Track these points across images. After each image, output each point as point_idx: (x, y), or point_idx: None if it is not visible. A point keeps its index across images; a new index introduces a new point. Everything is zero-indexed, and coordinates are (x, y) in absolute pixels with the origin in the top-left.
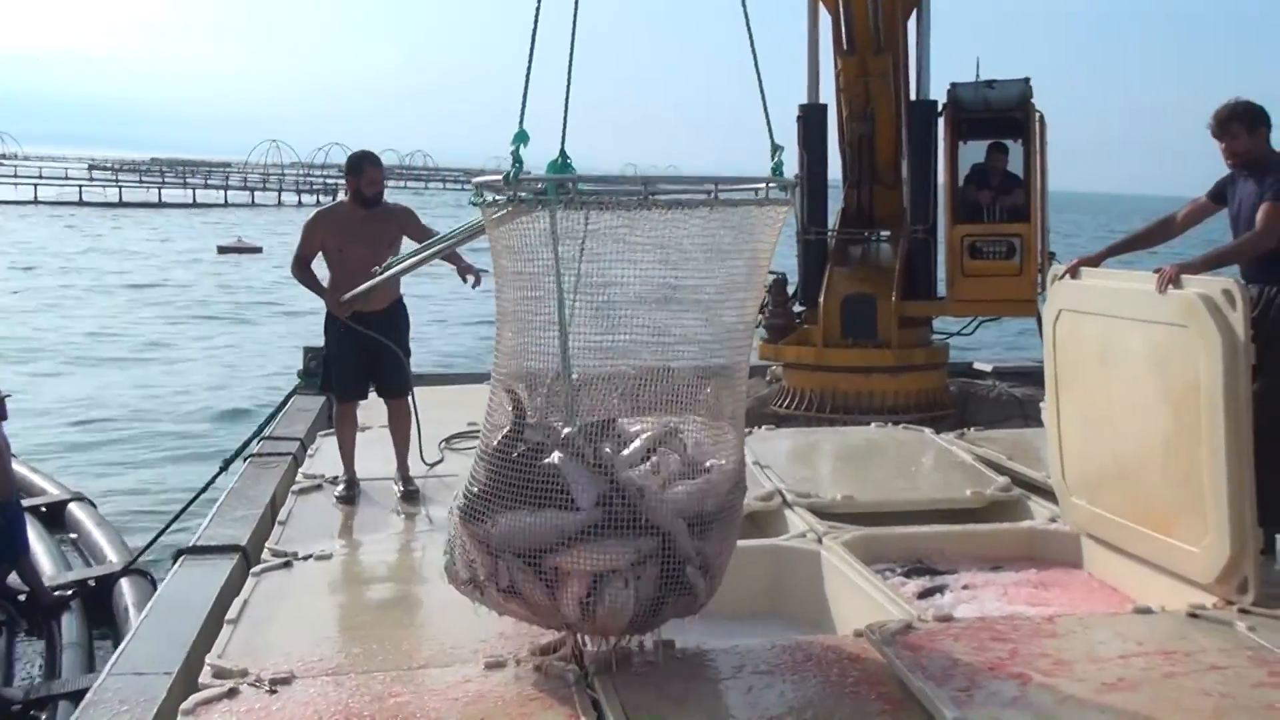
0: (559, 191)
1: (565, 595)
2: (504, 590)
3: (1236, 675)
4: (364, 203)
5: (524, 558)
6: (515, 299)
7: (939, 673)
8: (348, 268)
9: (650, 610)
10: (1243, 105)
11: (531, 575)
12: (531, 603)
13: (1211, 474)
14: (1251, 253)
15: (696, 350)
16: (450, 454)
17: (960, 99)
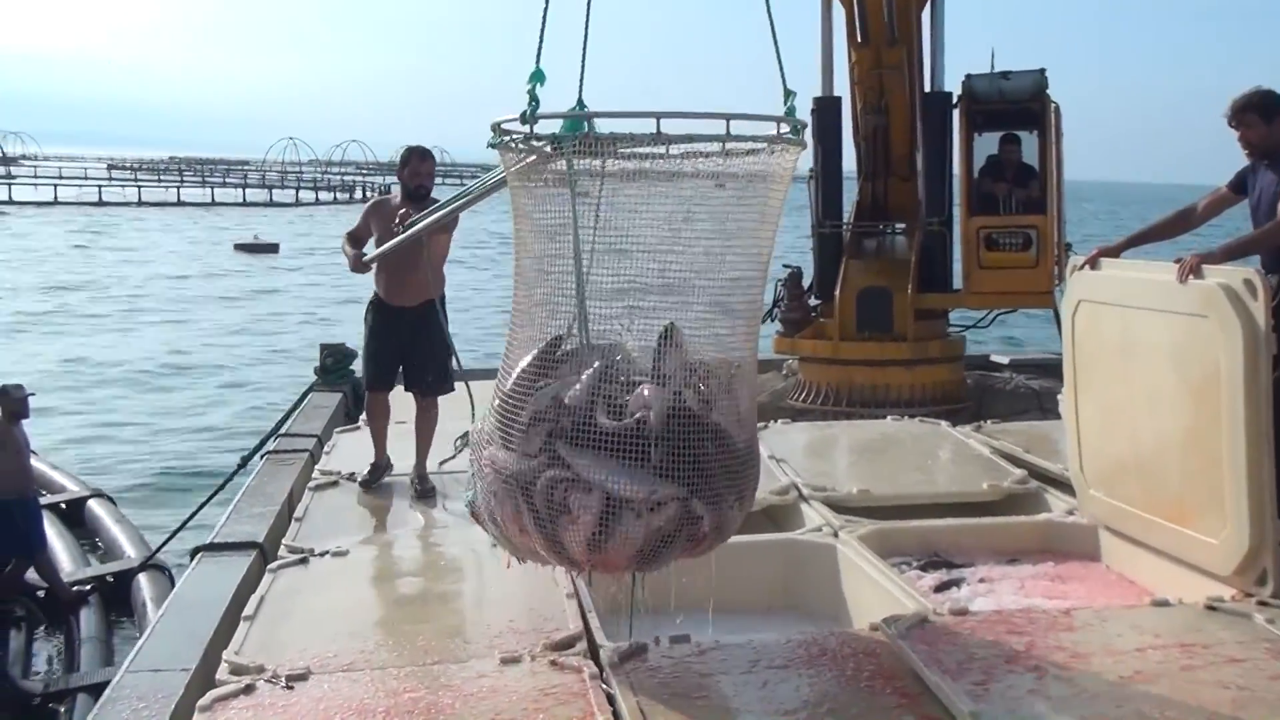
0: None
1: (574, 526)
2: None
3: (1254, 668)
4: (409, 195)
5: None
6: (537, 251)
7: (955, 666)
8: (384, 257)
9: (658, 545)
10: (1259, 94)
11: (543, 499)
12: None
13: (1231, 465)
14: (1273, 242)
15: (708, 300)
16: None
17: (975, 90)
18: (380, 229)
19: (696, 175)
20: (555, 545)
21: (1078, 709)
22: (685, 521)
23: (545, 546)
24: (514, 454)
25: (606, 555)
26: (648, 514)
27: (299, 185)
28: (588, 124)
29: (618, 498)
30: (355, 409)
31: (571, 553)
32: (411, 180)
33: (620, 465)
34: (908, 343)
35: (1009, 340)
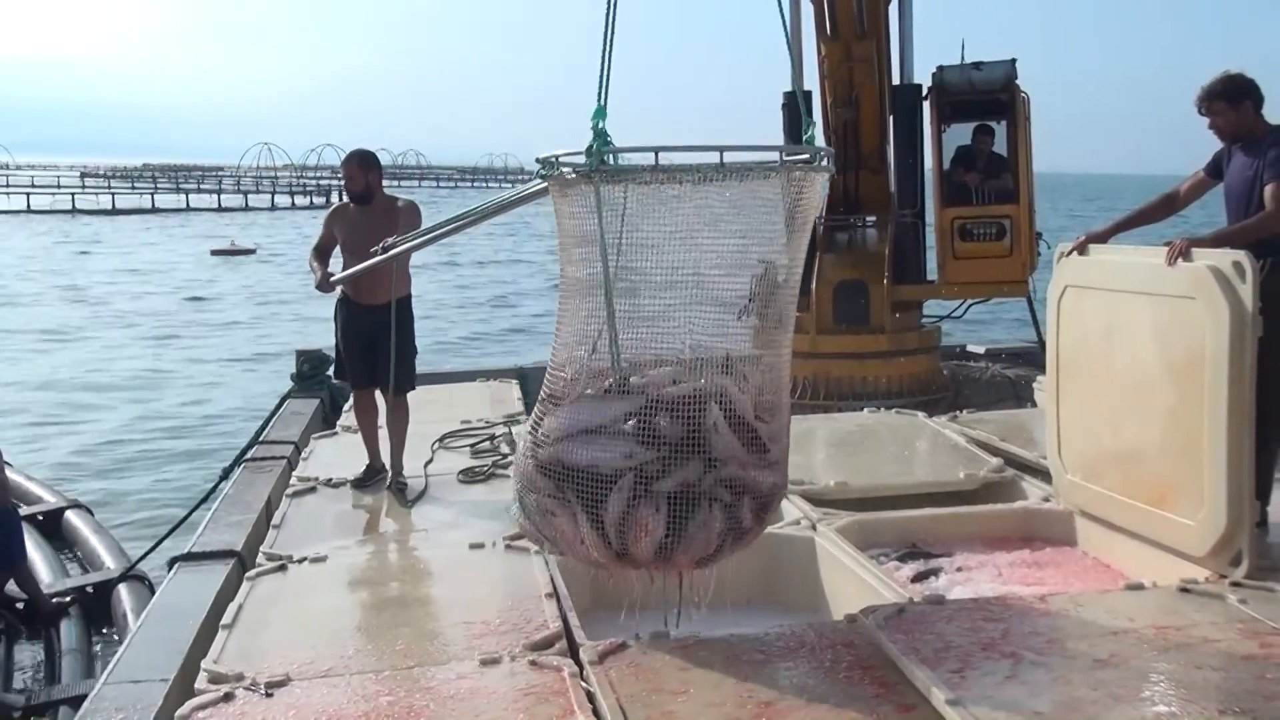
0: (599, 162)
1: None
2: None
3: (1228, 648)
4: (354, 199)
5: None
6: (581, 275)
7: (932, 655)
8: (347, 261)
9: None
10: (1224, 81)
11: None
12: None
13: (1211, 446)
14: (1263, 233)
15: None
16: (444, 453)
17: (945, 82)
18: (345, 234)
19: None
20: (618, 551)
21: (1054, 694)
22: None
23: (604, 553)
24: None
25: (674, 558)
26: (711, 516)
27: (274, 190)
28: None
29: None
30: (333, 415)
31: (637, 557)
32: (348, 185)
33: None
34: (885, 335)
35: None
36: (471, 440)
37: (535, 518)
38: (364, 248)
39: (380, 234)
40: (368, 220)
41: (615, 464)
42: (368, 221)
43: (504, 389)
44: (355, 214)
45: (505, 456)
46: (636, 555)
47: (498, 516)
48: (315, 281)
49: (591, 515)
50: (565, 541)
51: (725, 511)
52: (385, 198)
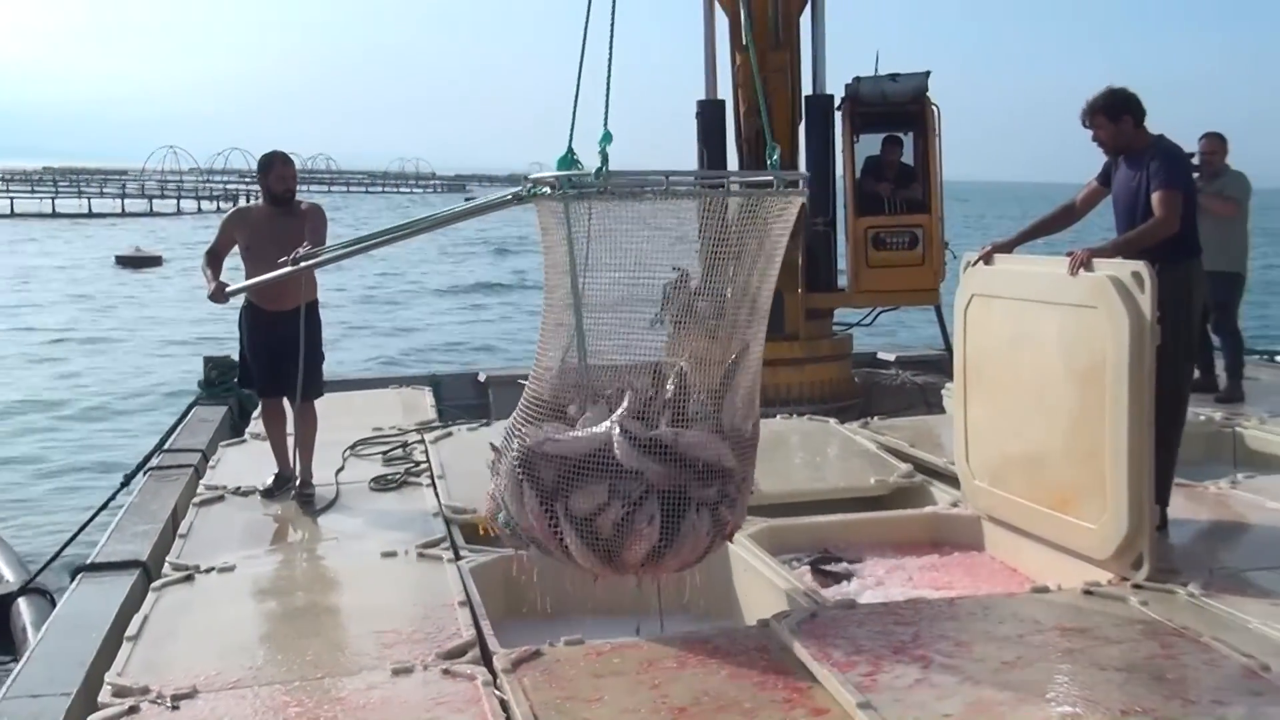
0: (569, 185)
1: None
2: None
3: (1130, 649)
4: (274, 201)
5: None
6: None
7: (843, 659)
8: (254, 265)
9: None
10: (1104, 97)
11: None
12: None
13: (1113, 451)
14: (1157, 238)
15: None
16: (355, 461)
17: (858, 93)
18: (250, 238)
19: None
20: (608, 557)
21: (962, 696)
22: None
23: (595, 559)
24: (560, 470)
25: (663, 562)
26: (699, 519)
27: (180, 194)
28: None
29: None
30: (241, 422)
31: (626, 563)
32: (278, 185)
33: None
34: (799, 342)
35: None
36: (384, 448)
37: (520, 524)
38: (272, 252)
39: (290, 237)
40: (278, 224)
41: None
42: (278, 225)
43: (417, 396)
44: (264, 217)
45: (418, 464)
46: (628, 561)
47: (410, 524)
48: (209, 291)
49: (580, 525)
50: (551, 548)
51: (712, 514)
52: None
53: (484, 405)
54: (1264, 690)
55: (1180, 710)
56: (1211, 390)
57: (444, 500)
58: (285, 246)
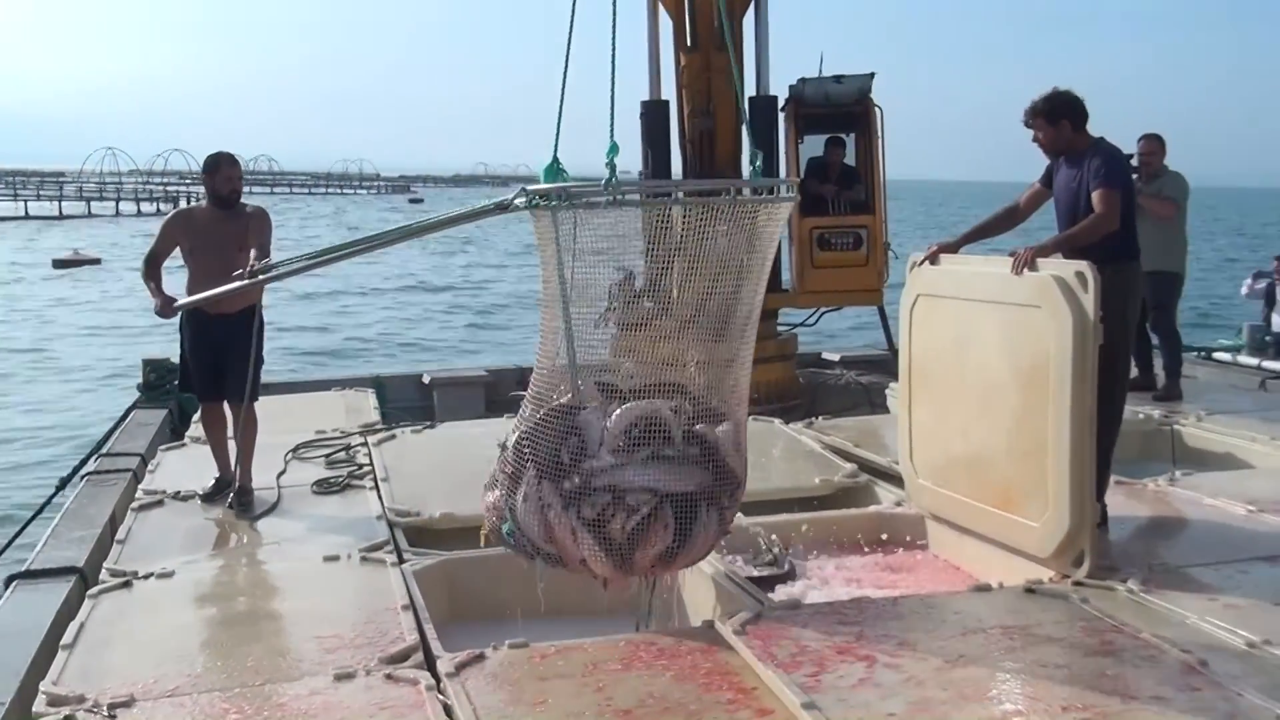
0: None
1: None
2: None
3: (1071, 646)
4: (219, 203)
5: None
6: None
7: (788, 659)
8: (197, 268)
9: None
10: (1045, 99)
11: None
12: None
13: (1056, 449)
14: (1098, 234)
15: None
16: (297, 464)
17: (802, 94)
18: (193, 241)
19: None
20: (622, 560)
21: (905, 695)
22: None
23: (609, 563)
24: (571, 481)
25: (674, 562)
26: (710, 519)
27: (119, 197)
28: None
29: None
30: (181, 426)
31: (639, 565)
32: (224, 187)
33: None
34: None
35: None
36: (326, 451)
37: (530, 532)
38: (216, 256)
39: (234, 241)
40: (222, 227)
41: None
42: (222, 228)
43: (359, 398)
44: (208, 220)
45: (361, 467)
46: (641, 564)
47: (353, 528)
48: (155, 306)
49: (596, 531)
50: (565, 555)
51: (719, 514)
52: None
53: (428, 407)
54: (1202, 685)
55: (1120, 706)
56: (1150, 388)
57: (387, 503)
58: (230, 250)
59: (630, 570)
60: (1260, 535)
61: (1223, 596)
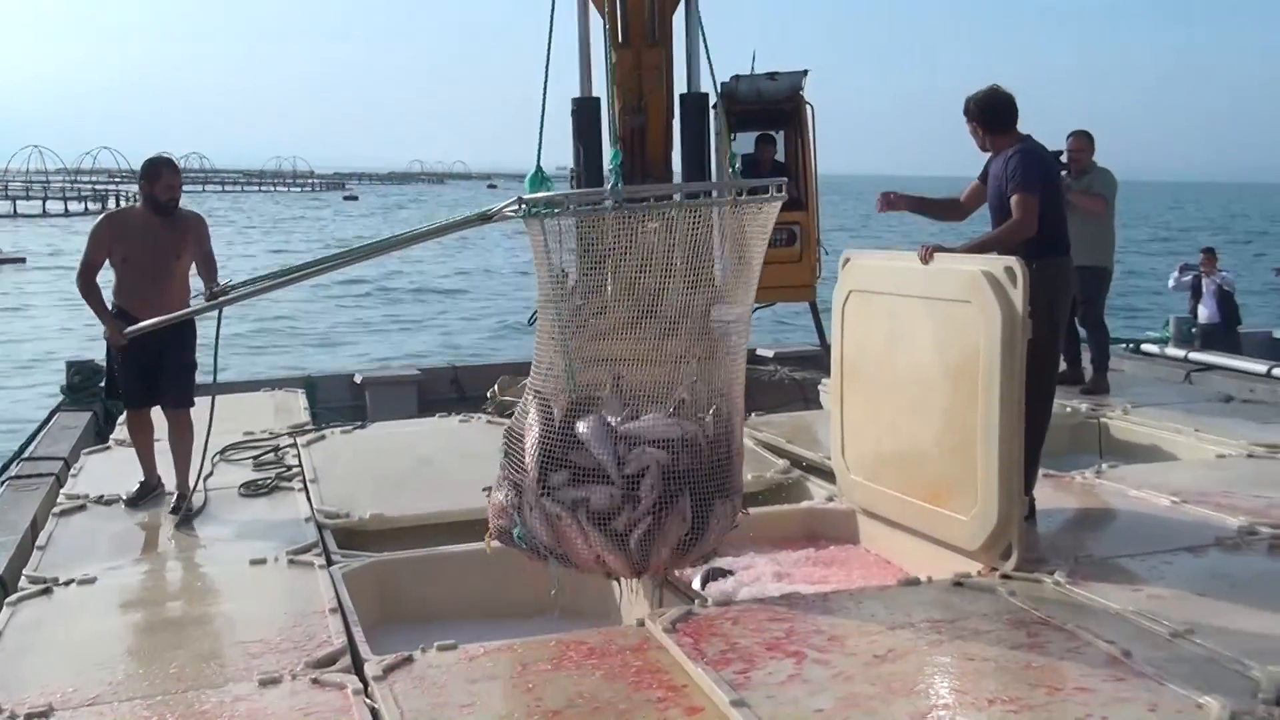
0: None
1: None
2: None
3: (998, 638)
4: (158, 209)
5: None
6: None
7: (718, 656)
8: (131, 275)
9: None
10: (975, 97)
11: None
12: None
13: (984, 443)
14: (1013, 241)
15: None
16: (225, 466)
17: (734, 91)
18: (128, 247)
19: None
20: (641, 555)
21: (834, 690)
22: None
23: (623, 560)
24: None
25: (689, 555)
26: (725, 511)
27: (46, 196)
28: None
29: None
30: (106, 428)
31: (655, 561)
32: (164, 194)
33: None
34: None
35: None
36: (254, 452)
37: (542, 534)
38: (152, 263)
39: (172, 248)
40: (159, 234)
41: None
42: (159, 235)
43: (289, 399)
44: (144, 226)
45: (290, 469)
46: (656, 560)
47: (280, 530)
48: (106, 334)
49: (608, 531)
50: (577, 556)
51: (731, 506)
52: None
53: (360, 407)
54: (1126, 675)
55: (1045, 698)
56: (1078, 382)
57: (316, 505)
58: (166, 258)
59: (646, 566)
60: (1184, 526)
61: (1147, 587)
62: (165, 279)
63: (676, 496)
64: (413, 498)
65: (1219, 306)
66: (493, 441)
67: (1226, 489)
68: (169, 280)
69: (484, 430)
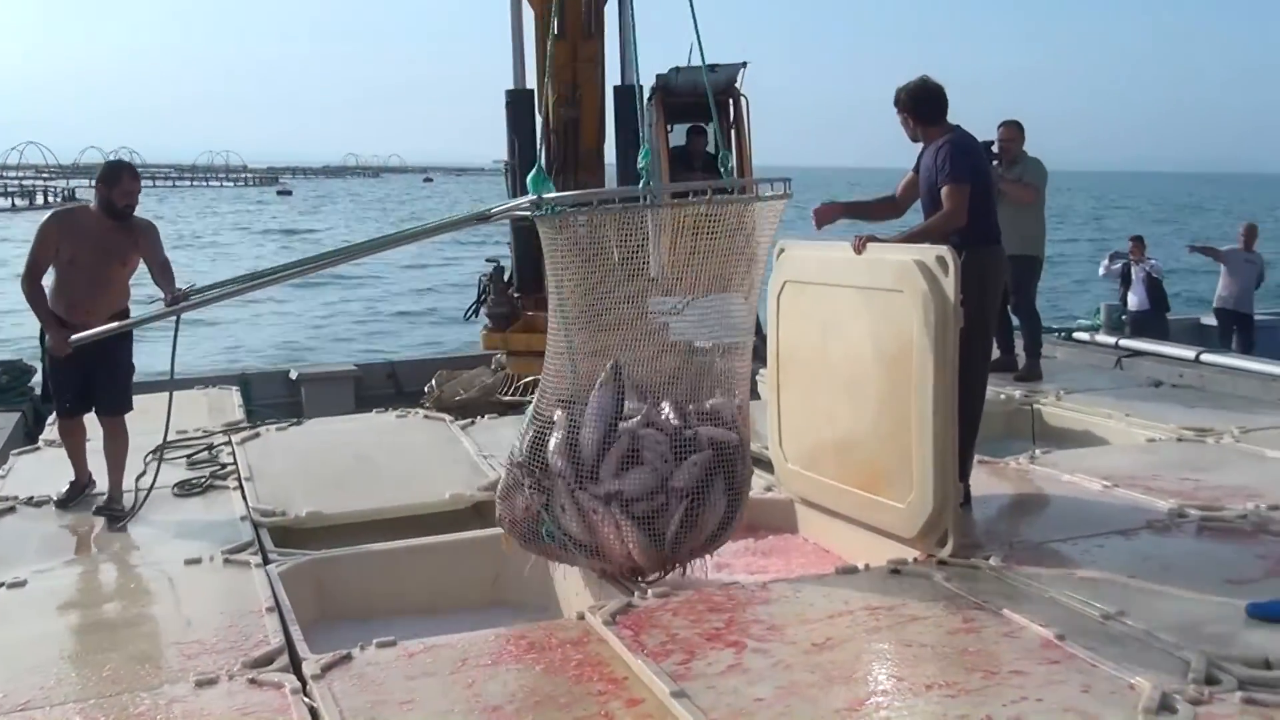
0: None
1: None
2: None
3: (934, 624)
4: (113, 214)
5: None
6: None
7: (658, 648)
8: (74, 278)
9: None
10: (906, 87)
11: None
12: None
13: (919, 431)
14: (943, 232)
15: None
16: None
17: (669, 83)
18: (75, 248)
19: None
20: (672, 548)
21: (774, 679)
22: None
23: (653, 554)
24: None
25: (714, 544)
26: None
27: None
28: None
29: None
30: (36, 428)
31: (685, 552)
32: (121, 200)
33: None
34: None
35: None
36: (188, 451)
37: (569, 533)
38: (99, 266)
39: (121, 254)
40: (111, 238)
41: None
42: (111, 240)
43: (223, 396)
44: (96, 229)
45: (224, 467)
46: (685, 551)
47: (216, 530)
48: (51, 342)
49: (646, 526)
50: (608, 551)
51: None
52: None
53: (296, 404)
54: (1060, 659)
55: (981, 682)
56: (1011, 369)
57: (252, 503)
58: (114, 263)
59: (674, 559)
60: (1115, 510)
61: (1080, 570)
62: (107, 285)
63: (708, 489)
64: (350, 495)
65: (1148, 293)
66: (430, 436)
67: (1156, 473)
68: (110, 287)
69: (421, 425)
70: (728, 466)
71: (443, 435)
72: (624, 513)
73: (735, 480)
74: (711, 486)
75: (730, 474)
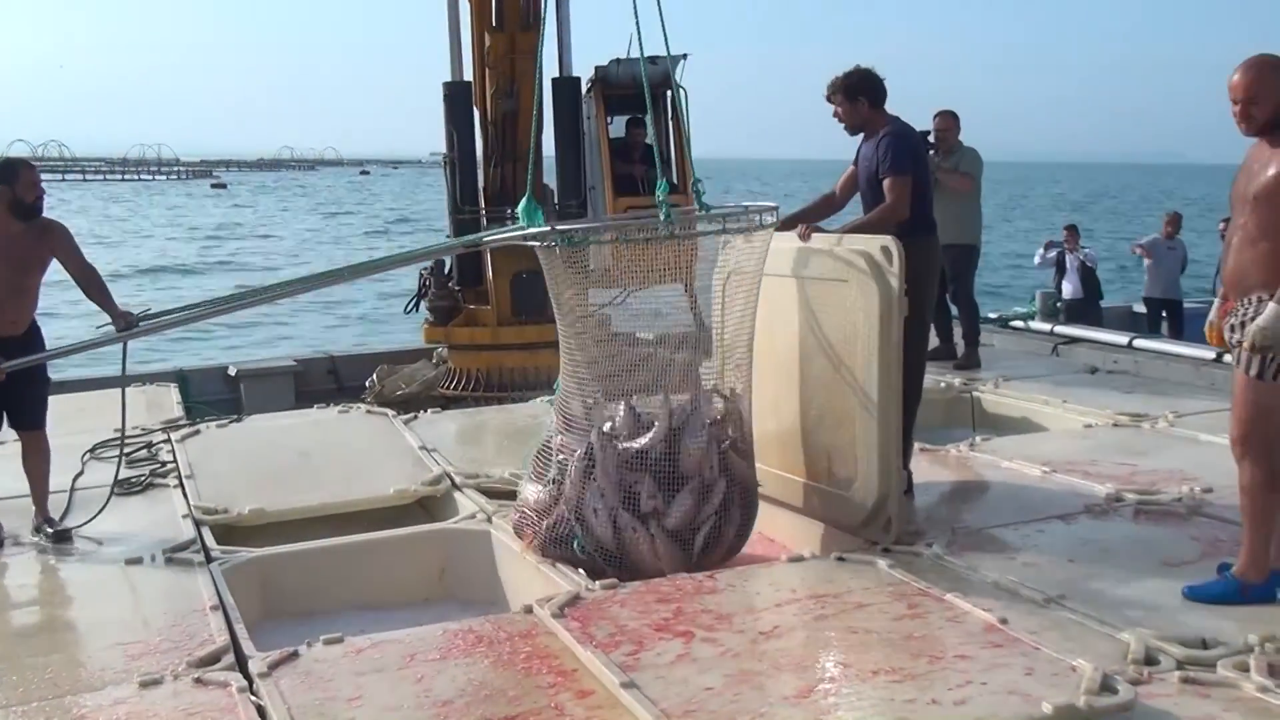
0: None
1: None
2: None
3: (878, 611)
4: (22, 212)
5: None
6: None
7: (607, 640)
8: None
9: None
10: (843, 76)
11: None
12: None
13: (863, 421)
14: (885, 224)
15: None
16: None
17: (607, 75)
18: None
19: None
20: (702, 555)
21: (722, 668)
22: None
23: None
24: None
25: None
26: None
27: None
28: None
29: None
30: None
31: (713, 559)
32: (28, 194)
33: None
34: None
35: None
36: (126, 449)
37: (604, 544)
38: (13, 274)
39: (33, 258)
40: (20, 241)
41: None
42: (20, 243)
43: (161, 393)
44: (10, 233)
45: (164, 465)
46: (713, 559)
47: (157, 528)
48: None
49: (673, 536)
50: (640, 563)
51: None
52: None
53: (235, 400)
54: (1003, 642)
55: (926, 667)
56: (951, 357)
57: (193, 501)
58: (25, 267)
59: (701, 566)
60: (1054, 495)
61: (1021, 555)
62: (19, 295)
63: (733, 498)
64: (293, 491)
65: (1082, 282)
66: (373, 431)
67: (1094, 458)
68: (23, 297)
69: (363, 420)
70: (743, 491)
71: (385, 430)
72: (659, 528)
73: (749, 493)
74: (733, 501)
75: (745, 490)
